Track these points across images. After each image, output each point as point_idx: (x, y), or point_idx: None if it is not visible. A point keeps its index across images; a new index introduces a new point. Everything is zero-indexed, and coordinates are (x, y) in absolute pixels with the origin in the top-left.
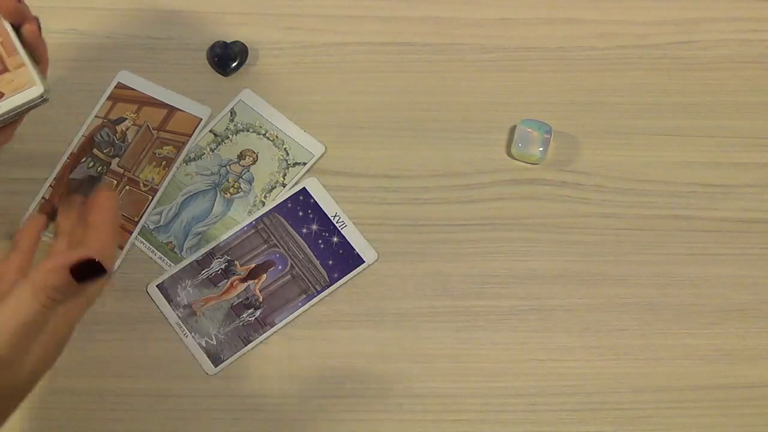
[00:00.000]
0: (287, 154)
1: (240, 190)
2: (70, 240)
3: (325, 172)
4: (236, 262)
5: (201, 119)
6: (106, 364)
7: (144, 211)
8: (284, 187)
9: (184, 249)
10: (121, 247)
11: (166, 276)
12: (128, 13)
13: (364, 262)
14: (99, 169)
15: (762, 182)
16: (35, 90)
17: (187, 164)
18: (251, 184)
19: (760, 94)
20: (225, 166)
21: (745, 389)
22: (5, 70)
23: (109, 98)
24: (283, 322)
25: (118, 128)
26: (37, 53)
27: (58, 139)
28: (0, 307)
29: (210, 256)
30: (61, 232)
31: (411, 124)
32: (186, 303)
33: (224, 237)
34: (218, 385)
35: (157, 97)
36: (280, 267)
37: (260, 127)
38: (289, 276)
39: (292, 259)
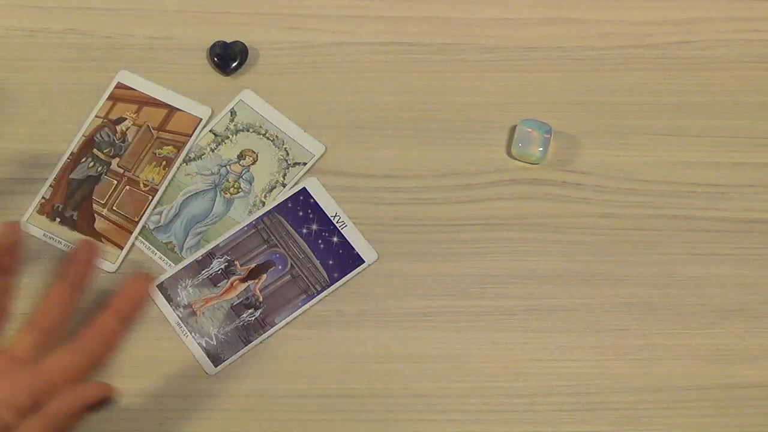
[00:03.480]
0: (287, 154)
1: (240, 190)
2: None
3: (325, 172)
4: (236, 262)
5: (201, 119)
6: (106, 364)
7: (144, 211)
8: (284, 187)
9: (184, 249)
10: (122, 247)
11: (166, 276)
12: (128, 13)
13: (364, 262)
14: (99, 169)
15: (762, 182)
16: None
17: (187, 164)
18: (251, 184)
19: (760, 94)
20: (225, 166)
21: (745, 389)
22: None
23: (109, 98)
24: (283, 322)
25: (118, 128)
26: None
27: (58, 139)
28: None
29: (210, 256)
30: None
31: (411, 124)
32: (186, 303)
33: (224, 237)
34: (218, 385)
35: (157, 97)
36: (280, 267)
37: (260, 127)
38: (289, 276)
39: (292, 259)
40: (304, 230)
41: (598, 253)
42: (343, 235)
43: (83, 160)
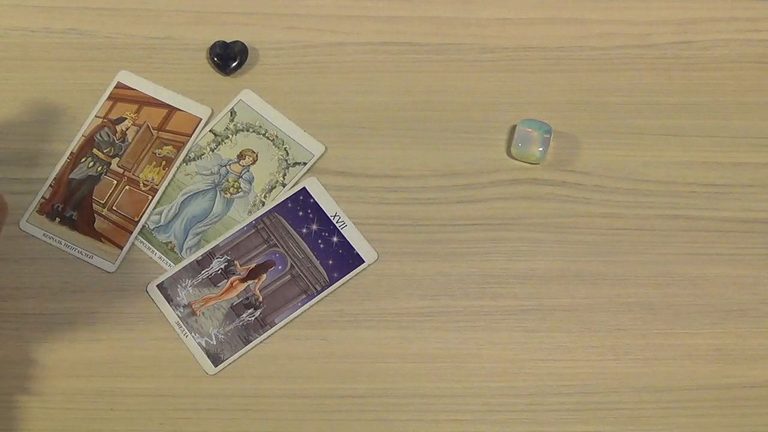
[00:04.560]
0: (287, 153)
1: (240, 189)
2: None
3: (325, 172)
4: (236, 262)
5: (201, 119)
6: (106, 364)
7: (144, 211)
8: (284, 186)
9: (184, 249)
10: (121, 247)
11: (166, 276)
12: (128, 13)
13: (364, 262)
14: (99, 168)
15: (762, 182)
16: None
17: (187, 164)
18: (251, 184)
19: (760, 94)
20: (225, 165)
21: (745, 389)
22: None
23: (109, 98)
24: (283, 322)
25: (118, 128)
26: None
27: (58, 139)
28: None
29: (210, 256)
30: None
31: (411, 124)
32: (186, 303)
33: (224, 237)
34: (218, 385)
35: (157, 97)
36: (280, 267)
37: (260, 127)
38: (289, 276)
39: (292, 259)
40: (304, 230)
41: (598, 253)
42: (342, 235)
43: (83, 159)
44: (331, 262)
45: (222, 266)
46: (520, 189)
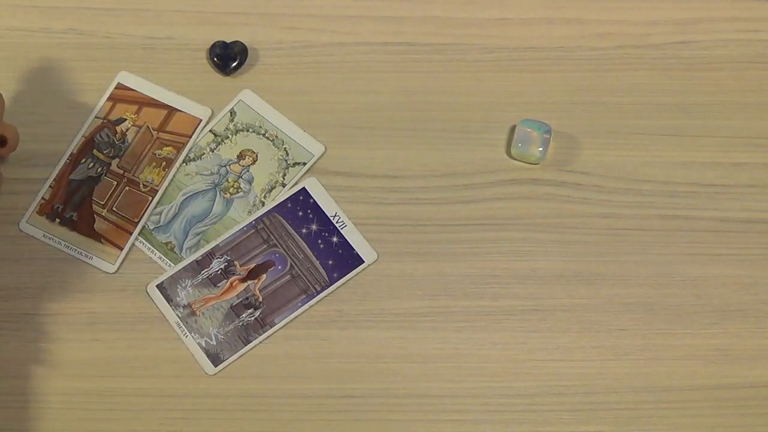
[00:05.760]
0: (287, 154)
1: (240, 190)
2: None
3: (325, 172)
4: (236, 262)
5: (201, 120)
6: (106, 364)
7: (144, 212)
8: (284, 187)
9: (184, 249)
10: (121, 248)
11: (165, 276)
12: (128, 13)
13: (363, 262)
14: (99, 169)
15: (762, 182)
16: None
17: (187, 164)
18: (251, 184)
19: (760, 94)
20: (225, 166)
21: (745, 389)
22: None
23: (109, 99)
24: (283, 322)
25: (118, 129)
26: None
27: (58, 140)
28: None
29: (210, 256)
30: None
31: (411, 124)
32: (186, 303)
33: (224, 237)
34: (218, 385)
35: (157, 98)
36: (279, 267)
37: (260, 127)
38: (288, 276)
39: (291, 259)
40: (304, 230)
41: (598, 253)
42: (342, 235)
43: (83, 160)
44: (330, 262)
45: (222, 266)
46: (520, 189)
